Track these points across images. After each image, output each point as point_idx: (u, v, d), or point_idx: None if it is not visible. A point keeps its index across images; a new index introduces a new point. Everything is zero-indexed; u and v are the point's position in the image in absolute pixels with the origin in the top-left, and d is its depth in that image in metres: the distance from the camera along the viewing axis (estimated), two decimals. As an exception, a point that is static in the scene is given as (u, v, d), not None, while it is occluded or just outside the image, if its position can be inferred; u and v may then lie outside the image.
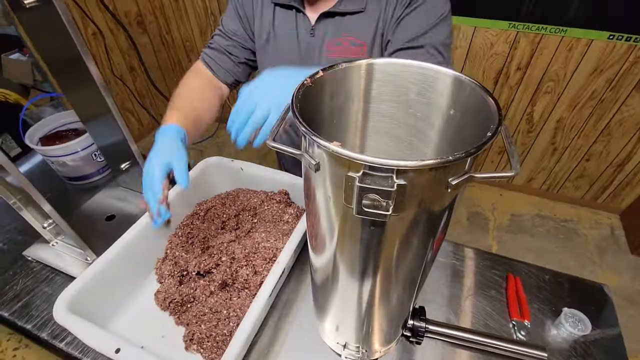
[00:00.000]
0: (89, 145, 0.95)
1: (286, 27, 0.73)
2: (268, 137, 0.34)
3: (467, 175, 0.28)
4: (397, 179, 0.26)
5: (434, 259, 0.41)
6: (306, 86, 0.34)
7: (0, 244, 0.84)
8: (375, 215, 0.29)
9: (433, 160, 0.25)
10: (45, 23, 0.62)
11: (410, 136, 0.44)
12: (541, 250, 1.85)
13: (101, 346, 0.54)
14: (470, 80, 0.34)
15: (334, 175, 0.29)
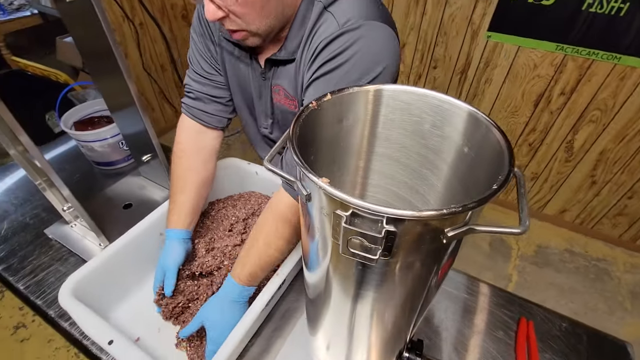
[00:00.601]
0: (117, 133, 0.99)
1: (242, 67, 0.69)
2: (265, 159, 0.33)
3: (467, 227, 0.26)
4: (387, 225, 0.24)
5: (437, 289, 0.38)
6: (311, 109, 0.33)
7: (26, 219, 0.89)
8: (361, 257, 0.27)
9: (427, 212, 0.23)
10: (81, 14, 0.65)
11: (421, 166, 0.42)
12: (567, 288, 1.73)
13: (97, 335, 0.56)
14: (486, 118, 0.31)
15: (325, 209, 0.28)
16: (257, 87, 0.70)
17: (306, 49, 0.57)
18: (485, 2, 1.50)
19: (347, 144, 0.40)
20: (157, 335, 0.67)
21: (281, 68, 0.63)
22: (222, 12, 0.51)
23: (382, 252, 0.26)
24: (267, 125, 0.74)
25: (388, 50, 0.53)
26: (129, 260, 0.71)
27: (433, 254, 0.29)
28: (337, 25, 0.53)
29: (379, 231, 0.25)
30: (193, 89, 0.74)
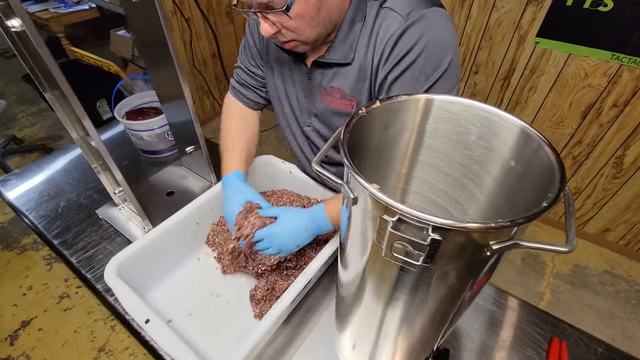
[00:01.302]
0: (164, 125, 1.05)
1: (287, 66, 0.73)
2: (314, 161, 0.34)
3: (512, 242, 0.26)
4: (433, 234, 0.25)
5: (470, 303, 0.38)
6: (360, 116, 0.34)
7: (80, 199, 0.97)
8: (403, 262, 0.28)
9: (474, 224, 0.24)
10: (143, 10, 0.69)
11: (464, 177, 0.42)
12: (604, 312, 1.63)
13: (135, 313, 0.60)
14: (538, 135, 0.31)
15: (370, 213, 0.29)
16: (303, 87, 0.73)
17: (370, 50, 0.58)
18: (535, 6, 1.44)
19: (390, 150, 0.41)
20: (188, 319, 0.71)
21: (337, 70, 0.65)
22: (275, 28, 0.55)
23: (424, 258, 0.27)
24: (309, 124, 0.77)
25: (451, 35, 0.55)
26: (167, 245, 0.75)
27: (474, 265, 0.29)
28: (401, 18, 0.54)
29: (424, 238, 0.26)
30: (239, 75, 0.85)
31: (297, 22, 0.53)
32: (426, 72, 0.55)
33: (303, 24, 0.54)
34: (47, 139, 2.59)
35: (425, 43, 0.53)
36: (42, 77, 0.66)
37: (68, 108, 0.73)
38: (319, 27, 0.56)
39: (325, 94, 0.69)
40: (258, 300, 0.69)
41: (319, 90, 0.69)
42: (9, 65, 3.54)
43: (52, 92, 0.70)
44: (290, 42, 0.58)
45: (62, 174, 1.06)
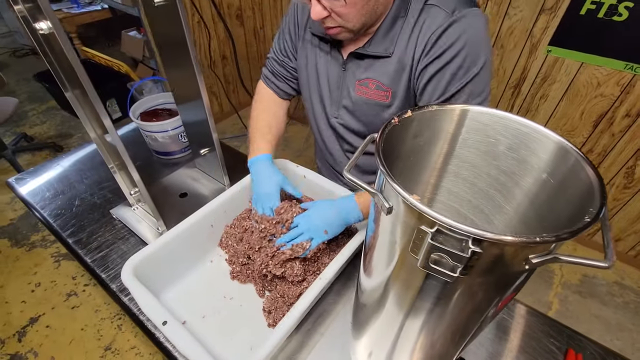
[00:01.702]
0: (178, 126, 1.05)
1: (322, 57, 0.75)
2: (345, 168, 0.35)
3: (551, 256, 0.26)
4: (473, 246, 0.25)
5: (495, 317, 0.38)
6: (393, 125, 0.34)
7: (95, 198, 0.98)
8: (440, 273, 0.28)
9: (518, 238, 0.24)
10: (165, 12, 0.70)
11: (490, 187, 0.42)
12: (613, 324, 1.61)
13: (152, 314, 0.60)
14: (577, 151, 0.31)
15: (406, 223, 0.29)
16: (336, 78, 0.75)
17: (412, 43, 0.62)
18: (548, 15, 1.44)
19: (419, 158, 0.41)
20: (202, 321, 0.71)
21: (373, 62, 0.68)
22: (326, 13, 0.58)
23: (462, 270, 0.27)
24: (337, 115, 0.79)
25: (488, 36, 0.60)
26: (182, 247, 0.75)
27: (509, 278, 0.29)
28: (446, 14, 0.58)
29: (464, 250, 0.25)
30: (272, 65, 0.88)
31: (348, 9, 0.56)
32: (464, 69, 0.58)
33: (353, 11, 0.57)
34: (56, 137, 2.61)
35: (465, 40, 0.57)
36: (64, 77, 0.67)
37: (88, 107, 0.74)
38: (366, 17, 0.59)
39: (358, 85, 0.71)
40: (269, 311, 0.69)
41: (352, 81, 0.71)
42: (20, 63, 3.58)
43: (72, 91, 0.70)
44: (336, 29, 0.61)
45: (75, 173, 1.06)
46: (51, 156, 2.45)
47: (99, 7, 2.85)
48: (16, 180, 1.04)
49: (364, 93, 0.71)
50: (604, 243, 0.27)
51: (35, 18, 0.54)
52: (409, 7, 0.61)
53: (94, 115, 0.75)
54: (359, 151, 0.36)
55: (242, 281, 0.77)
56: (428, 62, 0.60)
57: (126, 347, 1.46)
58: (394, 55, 0.64)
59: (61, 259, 1.80)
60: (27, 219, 1.99)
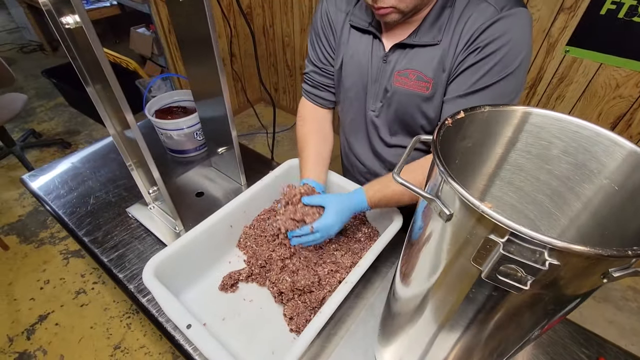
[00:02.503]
0: (194, 124, 1.04)
1: (361, 51, 0.75)
2: (394, 172, 0.33)
3: (632, 270, 0.24)
4: (549, 257, 0.24)
5: (538, 338, 0.36)
6: (447, 126, 0.33)
7: (110, 196, 0.97)
8: (508, 286, 0.26)
9: (603, 250, 0.22)
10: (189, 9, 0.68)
11: (539, 192, 0.40)
12: (627, 329, 1.59)
13: (176, 318, 0.59)
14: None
15: (470, 232, 0.27)
16: (375, 71, 0.74)
17: (457, 34, 0.62)
18: (567, 14, 1.41)
19: (464, 163, 0.39)
20: (222, 324, 0.70)
21: (414, 52, 0.68)
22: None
23: (532, 283, 0.25)
24: (375, 109, 0.79)
25: (530, 37, 0.59)
26: (201, 248, 0.74)
27: (579, 292, 0.27)
28: (495, 9, 0.58)
29: (538, 262, 0.24)
30: (311, 78, 0.87)
31: None
32: (502, 65, 0.59)
33: None
34: (64, 134, 2.61)
35: (509, 38, 0.57)
36: (86, 71, 0.66)
37: (108, 102, 0.72)
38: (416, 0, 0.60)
39: (397, 76, 0.71)
40: (291, 317, 0.67)
41: (392, 73, 0.71)
42: (28, 59, 3.58)
43: (94, 86, 0.69)
44: (388, 9, 0.61)
45: (89, 170, 1.05)
46: (59, 152, 2.44)
47: (108, 4, 2.84)
48: (30, 177, 1.03)
49: (403, 84, 0.71)
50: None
51: (60, 12, 0.52)
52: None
53: (114, 111, 0.74)
54: (407, 152, 0.34)
55: (261, 283, 0.75)
56: (469, 52, 0.61)
57: (135, 347, 1.45)
58: (440, 44, 0.64)
59: (70, 256, 1.79)
60: (36, 216, 1.98)
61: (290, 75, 2.64)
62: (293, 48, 2.45)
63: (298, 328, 0.66)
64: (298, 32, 2.35)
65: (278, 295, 0.70)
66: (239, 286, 0.75)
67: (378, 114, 0.79)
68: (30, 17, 3.34)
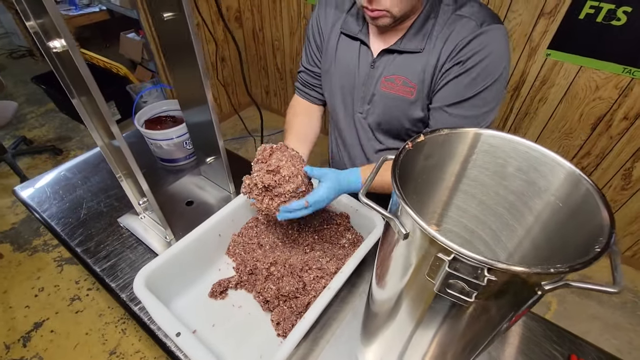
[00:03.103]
0: (183, 134, 1.06)
1: (348, 56, 0.79)
2: (360, 192, 0.36)
3: (563, 282, 0.27)
4: (489, 275, 0.27)
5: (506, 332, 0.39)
6: (407, 150, 0.36)
7: (101, 206, 0.99)
8: (455, 298, 0.29)
9: (533, 269, 0.25)
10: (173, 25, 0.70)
11: (499, 205, 0.43)
12: (610, 323, 1.64)
13: (166, 325, 0.61)
14: (589, 182, 0.32)
15: (423, 250, 0.30)
16: (363, 76, 0.78)
17: (439, 45, 0.66)
18: (547, 19, 1.45)
19: (430, 178, 0.42)
20: (212, 330, 0.72)
21: (401, 58, 0.72)
22: None
23: (477, 295, 0.28)
24: (362, 111, 0.83)
25: (507, 50, 0.64)
26: (191, 257, 0.76)
27: (520, 302, 0.30)
28: (476, 25, 0.62)
29: (479, 278, 0.27)
30: (302, 79, 0.95)
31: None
32: (482, 76, 0.63)
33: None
34: (55, 140, 2.60)
35: (490, 51, 0.62)
36: (72, 85, 0.66)
37: (95, 114, 0.73)
38: (409, 5, 0.63)
39: (384, 81, 0.75)
40: (278, 322, 0.70)
41: (380, 77, 0.76)
42: (17, 65, 3.56)
43: (79, 98, 0.69)
44: (381, 11, 0.64)
45: (81, 180, 1.07)
46: (51, 159, 2.44)
47: (97, 9, 2.83)
48: (21, 188, 1.04)
49: (389, 88, 0.75)
50: (612, 267, 0.29)
51: (48, 36, 0.54)
52: (439, 10, 0.66)
53: (101, 122, 0.75)
54: (373, 173, 0.37)
55: (249, 290, 0.78)
56: (452, 64, 0.65)
57: (131, 352, 1.47)
58: (424, 52, 0.68)
59: (64, 263, 1.80)
60: (29, 223, 1.99)
61: (280, 79, 2.66)
62: (283, 51, 2.47)
63: (285, 333, 0.69)
64: (287, 36, 2.37)
65: (264, 304, 0.73)
66: (228, 293, 0.78)
67: (365, 115, 0.83)
68: (19, 22, 3.32)
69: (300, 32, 2.27)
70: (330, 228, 0.83)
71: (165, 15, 0.67)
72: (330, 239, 0.82)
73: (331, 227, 0.84)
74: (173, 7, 0.66)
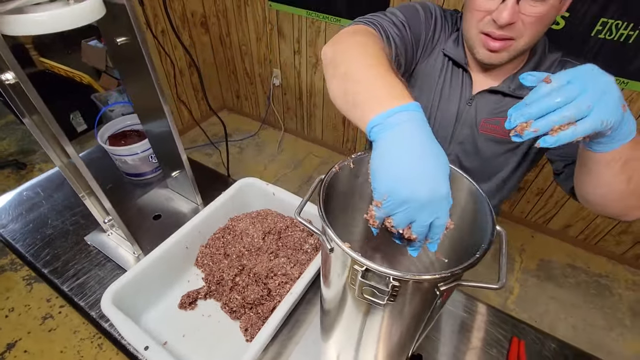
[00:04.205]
0: (148, 148, 1.07)
1: (450, 83, 0.70)
2: (295, 212, 0.40)
3: (455, 283, 0.33)
4: (393, 281, 0.32)
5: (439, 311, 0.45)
6: (334, 172, 0.40)
7: (67, 225, 0.99)
8: (371, 302, 0.34)
9: (425, 276, 0.30)
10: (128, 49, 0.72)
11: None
12: (567, 303, 1.78)
13: (134, 340, 0.64)
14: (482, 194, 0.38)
15: (343, 262, 0.35)
16: (455, 112, 0.71)
17: None
18: (496, 23, 1.54)
19: (361, 194, 0.47)
20: (182, 340, 0.75)
21: (509, 101, 0.66)
22: (516, 18, 0.54)
23: (388, 298, 0.33)
24: (450, 152, 0.76)
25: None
26: (159, 271, 0.79)
27: (429, 299, 0.36)
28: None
29: (387, 285, 0.32)
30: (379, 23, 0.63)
31: (535, 24, 0.54)
32: None
33: (534, 29, 0.55)
34: (18, 154, 2.51)
35: None
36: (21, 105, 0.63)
37: (49, 134, 0.70)
38: (535, 40, 0.58)
39: (484, 122, 0.69)
40: (246, 329, 0.74)
41: (477, 118, 0.69)
42: (-28, 75, 3.38)
43: (31, 117, 0.66)
44: (508, 41, 0.57)
45: (46, 199, 1.06)
46: (14, 174, 2.36)
47: (56, 16, 2.73)
48: (-18, 211, 1.03)
49: (492, 131, 0.69)
50: (499, 266, 0.35)
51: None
52: (546, 54, 0.63)
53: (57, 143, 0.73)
54: (309, 194, 0.42)
55: (218, 299, 0.82)
56: None
57: (108, 366, 1.47)
58: None
59: (33, 281, 1.76)
60: (-7, 243, 1.92)
61: (250, 83, 2.67)
62: (251, 56, 2.49)
63: (252, 338, 0.73)
64: (254, 41, 2.39)
65: (231, 313, 0.76)
66: (197, 303, 0.81)
67: (451, 158, 0.75)
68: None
69: (267, 37, 2.30)
70: (294, 234, 0.88)
71: (118, 40, 0.69)
72: (294, 245, 0.86)
73: (294, 233, 0.88)
74: (125, 32, 0.68)
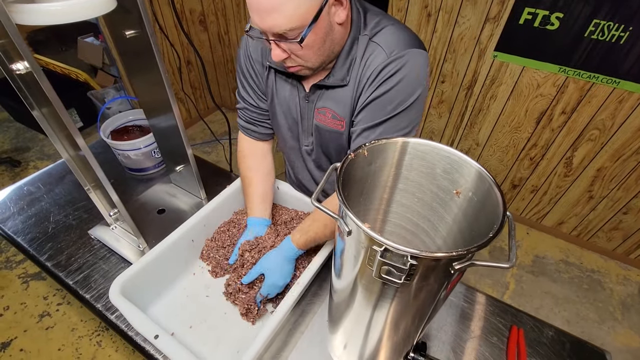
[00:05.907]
0: (151, 143, 1.08)
1: (286, 91, 0.79)
2: (312, 197, 0.42)
3: (469, 262, 0.35)
4: (411, 260, 0.33)
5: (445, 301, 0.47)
6: (350, 159, 0.42)
7: (70, 219, 0.99)
8: (389, 281, 0.36)
9: (440, 253, 0.32)
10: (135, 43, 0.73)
11: (433, 201, 0.50)
12: (560, 297, 1.82)
13: (143, 329, 0.65)
14: (490, 178, 0.40)
15: (361, 242, 0.37)
16: (301, 109, 0.79)
17: (359, 75, 0.68)
18: (492, 24, 1.58)
19: (374, 181, 0.49)
20: (189, 331, 0.76)
21: (329, 92, 0.73)
22: (286, 54, 0.62)
23: (405, 277, 0.35)
24: (308, 144, 0.85)
25: (425, 73, 0.65)
26: (165, 263, 0.79)
27: (443, 279, 0.38)
28: (385, 55, 0.64)
29: (404, 264, 0.34)
30: (244, 115, 0.89)
31: (306, 51, 0.61)
32: (394, 103, 0.65)
33: (310, 53, 0.62)
34: (12, 152, 2.48)
35: (399, 78, 0.63)
36: (31, 97, 0.65)
37: (57, 126, 0.71)
38: (323, 56, 0.64)
39: (317, 113, 0.77)
40: (246, 313, 0.76)
41: (313, 110, 0.77)
42: (-37, 72, 3.32)
43: (40, 110, 0.67)
44: (296, 67, 0.66)
45: (47, 194, 1.06)
46: (8, 172, 2.33)
47: (51, 13, 2.70)
48: (-17, 206, 1.02)
49: (322, 120, 0.77)
50: (509, 247, 0.36)
51: (10, 58, 0.56)
52: (357, 42, 0.67)
53: (65, 135, 0.73)
54: (323, 181, 0.43)
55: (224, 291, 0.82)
56: (370, 91, 0.66)
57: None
58: (349, 85, 0.70)
59: (29, 279, 1.74)
60: (-12, 241, 1.90)
61: (248, 81, 2.67)
62: (249, 55, 2.49)
63: (254, 319, 0.75)
64: (253, 40, 2.39)
65: (229, 296, 0.78)
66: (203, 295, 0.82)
67: (311, 148, 0.85)
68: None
69: (265, 35, 2.30)
70: (299, 227, 0.89)
71: (127, 32, 0.70)
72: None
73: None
74: (134, 25, 0.69)
